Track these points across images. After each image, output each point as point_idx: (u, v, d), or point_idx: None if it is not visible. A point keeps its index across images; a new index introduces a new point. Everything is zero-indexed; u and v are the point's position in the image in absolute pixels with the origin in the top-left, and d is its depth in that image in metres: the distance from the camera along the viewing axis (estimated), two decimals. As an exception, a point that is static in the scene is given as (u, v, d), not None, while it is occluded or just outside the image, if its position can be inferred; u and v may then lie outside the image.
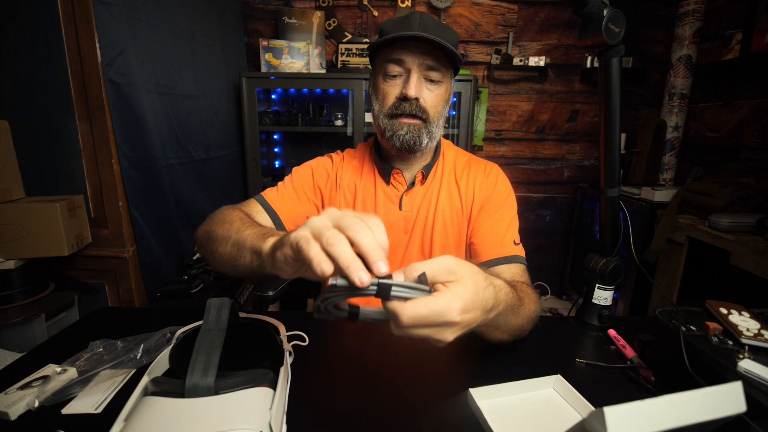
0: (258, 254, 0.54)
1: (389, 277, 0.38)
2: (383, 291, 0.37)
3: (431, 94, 0.79)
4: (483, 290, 0.43)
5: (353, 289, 0.37)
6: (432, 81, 0.78)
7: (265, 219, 0.83)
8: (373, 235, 0.38)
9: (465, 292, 0.40)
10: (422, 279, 0.39)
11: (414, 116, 0.78)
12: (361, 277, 0.36)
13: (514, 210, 0.87)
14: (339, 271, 0.37)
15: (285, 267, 0.45)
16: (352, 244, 0.38)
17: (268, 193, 0.87)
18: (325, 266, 0.37)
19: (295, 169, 0.93)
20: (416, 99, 0.77)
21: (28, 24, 1.17)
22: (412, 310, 0.37)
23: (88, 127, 1.24)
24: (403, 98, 0.77)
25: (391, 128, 0.79)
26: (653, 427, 0.25)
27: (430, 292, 0.39)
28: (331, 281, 0.38)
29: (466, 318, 0.41)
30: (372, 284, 0.37)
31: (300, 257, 0.40)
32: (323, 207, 0.91)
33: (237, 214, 0.70)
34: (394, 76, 0.79)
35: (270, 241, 0.52)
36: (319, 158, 0.95)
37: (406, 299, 0.38)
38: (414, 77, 0.76)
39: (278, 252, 0.45)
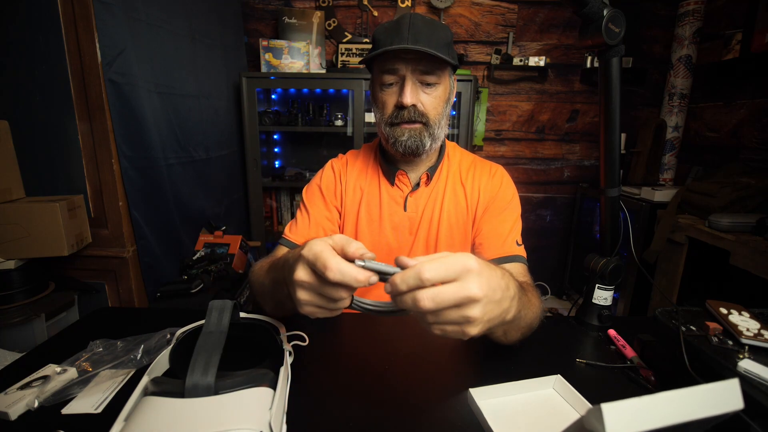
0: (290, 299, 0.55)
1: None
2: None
3: (429, 97, 0.79)
4: (500, 278, 0.44)
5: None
6: (428, 84, 0.78)
7: None
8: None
9: (479, 268, 0.41)
10: None
11: (414, 121, 0.79)
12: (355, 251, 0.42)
13: (518, 211, 0.88)
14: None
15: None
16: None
17: (288, 231, 0.89)
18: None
19: (304, 191, 0.94)
20: (413, 105, 0.77)
21: (28, 24, 1.17)
22: (429, 262, 0.40)
23: (88, 127, 1.24)
24: (401, 106, 0.77)
25: (393, 135, 0.80)
26: (651, 424, 0.25)
27: None
28: (358, 262, 0.42)
29: (489, 294, 0.41)
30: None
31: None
32: (341, 218, 0.92)
33: (258, 266, 0.75)
34: (390, 85, 0.79)
35: (285, 289, 0.54)
36: (321, 172, 0.95)
37: None
38: (408, 84, 0.76)
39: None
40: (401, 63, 0.75)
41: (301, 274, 0.44)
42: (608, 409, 0.25)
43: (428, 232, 0.88)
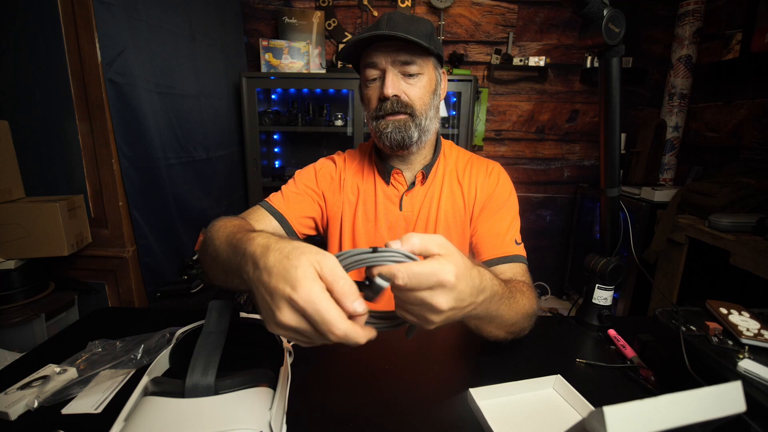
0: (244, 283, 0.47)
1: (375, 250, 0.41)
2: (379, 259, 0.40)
3: (412, 87, 0.79)
4: (470, 269, 0.44)
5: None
6: (411, 75, 0.78)
7: (271, 223, 0.83)
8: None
9: (456, 261, 0.41)
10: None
11: (398, 112, 0.78)
12: (355, 308, 0.37)
13: (515, 209, 0.87)
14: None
15: None
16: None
17: (273, 198, 0.88)
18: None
19: (297, 171, 0.93)
20: (396, 96, 0.77)
21: (28, 24, 1.17)
22: (408, 267, 0.39)
23: (88, 127, 1.24)
24: (383, 98, 0.78)
25: (378, 129, 0.80)
26: (653, 427, 0.25)
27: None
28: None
29: (459, 286, 0.41)
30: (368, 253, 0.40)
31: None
32: (326, 209, 0.91)
33: (218, 230, 0.61)
34: (374, 80, 0.79)
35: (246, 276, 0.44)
36: (322, 160, 0.95)
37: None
38: (389, 76, 0.76)
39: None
40: (380, 55, 0.76)
41: (289, 318, 0.36)
42: (610, 411, 0.25)
43: (425, 232, 0.87)
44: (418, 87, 0.79)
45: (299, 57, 2.09)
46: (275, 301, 0.37)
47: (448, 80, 1.10)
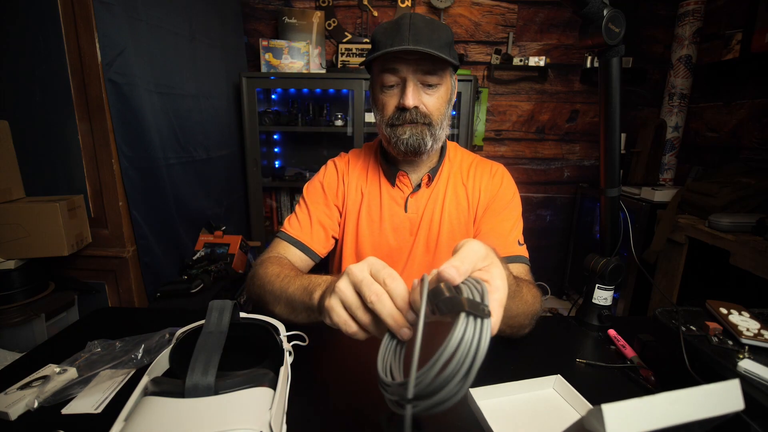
0: (311, 311, 0.59)
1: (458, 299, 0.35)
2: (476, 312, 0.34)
3: (431, 98, 0.78)
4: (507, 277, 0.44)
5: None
6: (430, 85, 0.77)
7: (296, 254, 0.84)
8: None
9: (503, 275, 0.40)
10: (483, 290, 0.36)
11: (416, 122, 0.78)
12: (402, 333, 0.38)
13: (518, 210, 0.87)
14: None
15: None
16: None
17: (289, 227, 0.88)
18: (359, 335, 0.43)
19: (305, 189, 0.93)
20: (416, 107, 0.76)
21: (28, 24, 1.17)
22: (498, 311, 0.38)
23: (88, 127, 1.24)
24: (403, 108, 0.77)
25: (394, 135, 0.79)
26: (651, 425, 0.25)
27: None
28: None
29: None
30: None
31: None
32: (342, 218, 0.91)
33: (273, 271, 0.72)
34: (392, 86, 0.78)
35: (316, 296, 0.57)
36: (324, 169, 0.94)
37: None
38: (410, 86, 0.75)
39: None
40: (402, 64, 0.74)
41: (344, 286, 0.43)
42: (608, 409, 0.25)
43: (429, 233, 0.88)
44: (437, 97, 0.78)
45: (299, 57, 2.09)
46: (334, 284, 0.44)
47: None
